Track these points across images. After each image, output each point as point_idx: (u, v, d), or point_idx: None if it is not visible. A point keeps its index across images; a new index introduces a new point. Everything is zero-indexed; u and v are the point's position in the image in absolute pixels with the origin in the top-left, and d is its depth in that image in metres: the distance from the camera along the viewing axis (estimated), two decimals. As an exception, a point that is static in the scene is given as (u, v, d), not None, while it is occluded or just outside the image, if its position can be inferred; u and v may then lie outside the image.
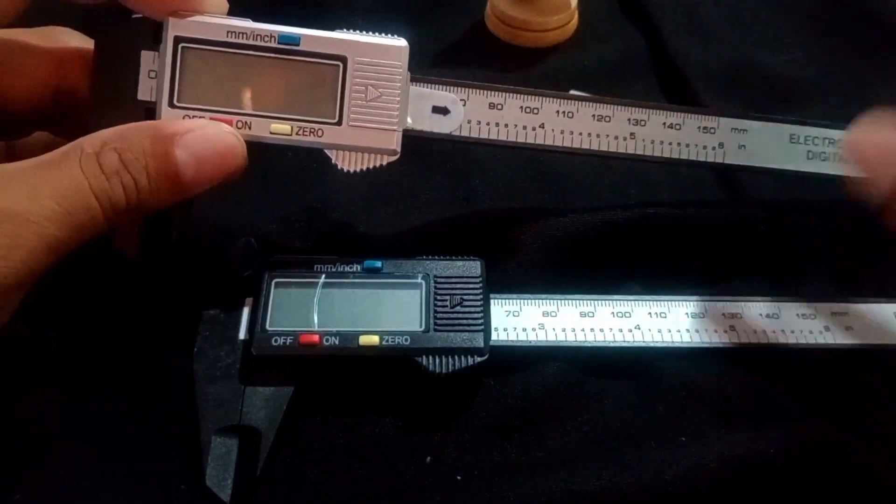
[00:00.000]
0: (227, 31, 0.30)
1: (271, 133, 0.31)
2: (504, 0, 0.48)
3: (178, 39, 0.30)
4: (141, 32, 0.30)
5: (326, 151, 0.31)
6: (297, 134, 0.31)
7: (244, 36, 0.30)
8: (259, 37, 0.30)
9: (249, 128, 0.31)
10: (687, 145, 0.34)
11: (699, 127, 0.34)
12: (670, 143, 0.34)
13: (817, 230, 0.37)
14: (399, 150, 0.32)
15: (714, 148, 0.34)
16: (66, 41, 0.32)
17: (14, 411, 0.30)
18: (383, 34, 0.31)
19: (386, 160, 0.32)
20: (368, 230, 0.36)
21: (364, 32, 0.31)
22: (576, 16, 0.49)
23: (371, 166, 0.32)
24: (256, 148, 0.31)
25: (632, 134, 0.34)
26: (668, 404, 0.31)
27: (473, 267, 0.33)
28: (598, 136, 0.34)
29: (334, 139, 0.31)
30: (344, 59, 0.31)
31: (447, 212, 0.37)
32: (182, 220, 0.32)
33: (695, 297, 0.34)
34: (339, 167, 0.32)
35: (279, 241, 0.36)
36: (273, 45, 0.30)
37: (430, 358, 0.30)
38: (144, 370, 0.32)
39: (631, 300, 0.33)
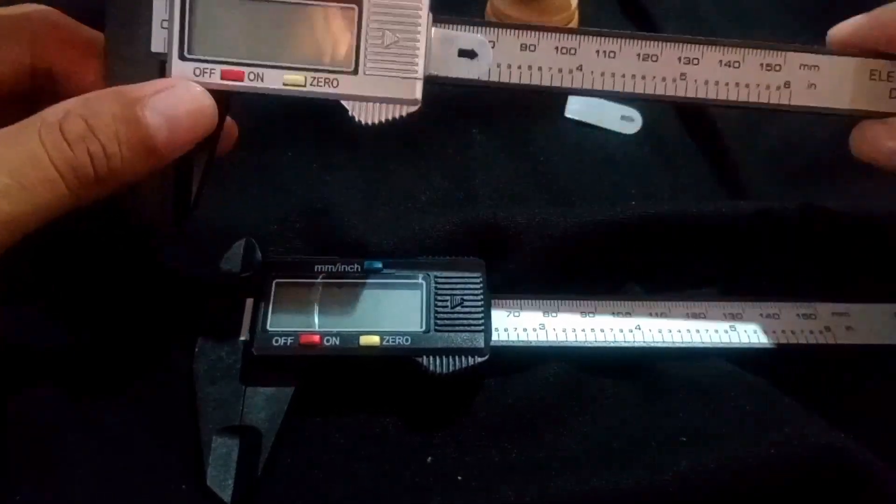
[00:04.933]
0: None
1: (284, 85, 0.29)
2: (504, 0, 0.48)
3: None
4: None
5: (343, 102, 0.29)
6: (311, 85, 0.29)
7: None
8: None
9: (262, 80, 0.29)
10: (747, 86, 0.31)
11: (762, 64, 0.30)
12: (727, 84, 0.30)
13: (817, 230, 0.37)
14: (420, 99, 0.29)
15: (779, 88, 0.31)
16: (41, 18, 0.31)
17: (14, 412, 0.30)
18: None
19: (406, 111, 0.29)
20: (368, 230, 0.36)
21: None
22: (576, 16, 0.49)
23: (391, 117, 0.29)
24: (257, 146, 0.30)
25: (682, 74, 0.30)
26: (668, 404, 0.31)
27: (474, 267, 0.33)
28: (643, 77, 0.30)
29: (351, 89, 0.29)
30: (359, 2, 0.28)
31: (447, 212, 0.37)
32: (203, 178, 0.31)
33: (695, 297, 0.34)
34: (356, 119, 0.29)
35: (279, 241, 0.36)
36: None
37: (431, 358, 0.30)
38: (145, 370, 0.32)
39: (631, 300, 0.33)
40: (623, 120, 0.44)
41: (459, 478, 0.30)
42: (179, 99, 0.27)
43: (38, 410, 0.30)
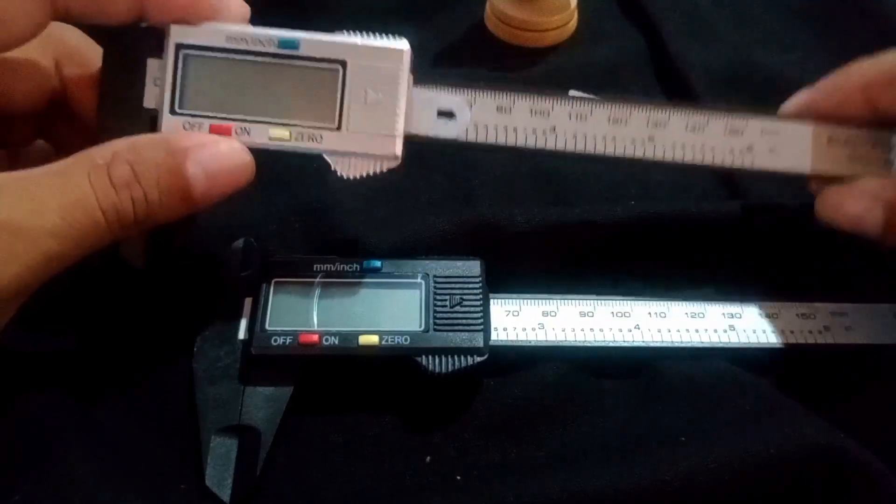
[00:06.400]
0: (227, 37, 0.30)
1: (270, 139, 0.30)
2: (504, 0, 0.48)
3: (178, 46, 0.30)
4: (148, 40, 0.30)
5: (326, 157, 0.31)
6: (295, 139, 0.30)
7: (243, 41, 0.30)
8: (258, 42, 0.30)
9: (248, 134, 0.30)
10: (712, 149, 0.32)
11: (726, 129, 0.32)
12: (693, 147, 0.32)
13: (817, 230, 0.37)
14: (400, 156, 0.31)
15: (742, 151, 0.32)
16: (65, 38, 0.31)
17: (13, 411, 0.30)
18: (385, 35, 0.31)
19: (387, 166, 0.31)
20: (368, 230, 0.36)
21: (366, 34, 0.30)
22: (576, 16, 0.49)
23: (371, 172, 0.31)
24: (257, 150, 0.31)
25: (650, 137, 0.32)
26: (668, 404, 0.31)
27: (473, 267, 0.33)
28: (613, 139, 0.32)
29: (333, 145, 0.30)
30: (344, 63, 0.30)
31: (447, 212, 0.37)
32: (186, 230, 0.32)
33: (695, 298, 0.34)
34: (338, 174, 0.31)
35: (279, 241, 0.36)
36: (272, 49, 0.30)
37: (430, 358, 0.30)
38: (144, 370, 0.32)
39: (631, 300, 0.33)
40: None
41: (459, 478, 0.29)
42: (221, 153, 0.29)
43: (36, 410, 0.30)
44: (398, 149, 0.31)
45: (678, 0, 0.51)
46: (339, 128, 0.30)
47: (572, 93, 0.41)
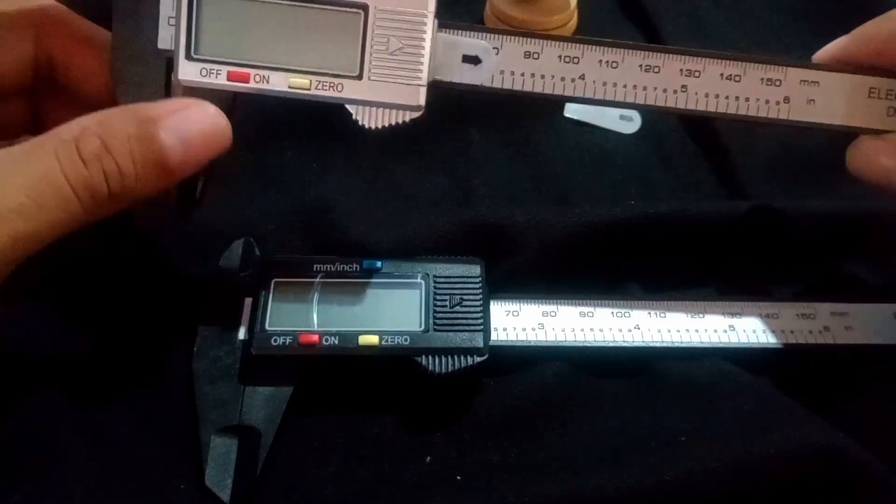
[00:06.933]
0: None
1: (289, 87, 0.29)
2: (504, 0, 0.48)
3: None
4: None
5: (347, 106, 0.29)
6: (315, 88, 0.29)
7: None
8: None
9: (267, 82, 0.29)
10: (747, 100, 0.31)
11: (763, 79, 0.31)
12: (727, 98, 0.31)
13: (817, 230, 0.37)
14: (424, 105, 0.29)
15: (778, 102, 0.31)
16: (45, 11, 0.31)
17: (13, 411, 0.30)
18: None
19: (410, 116, 0.30)
20: (368, 230, 0.36)
21: None
22: (576, 16, 0.49)
23: (394, 122, 0.30)
24: (257, 145, 0.30)
25: (683, 87, 0.30)
26: (668, 404, 0.31)
27: (473, 267, 0.33)
28: (644, 88, 0.30)
29: (355, 94, 0.29)
30: (365, 7, 0.28)
31: (447, 211, 0.37)
32: (208, 184, 0.31)
33: (695, 297, 0.34)
34: (359, 123, 0.30)
35: (279, 240, 0.36)
36: None
37: (430, 358, 0.30)
38: (144, 370, 0.32)
39: (631, 300, 0.33)
40: (622, 119, 0.44)
41: (459, 478, 0.29)
42: (195, 119, 0.28)
43: (36, 410, 0.30)
44: (422, 98, 0.29)
45: (678, 0, 0.51)
46: (360, 76, 0.29)
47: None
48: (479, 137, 0.43)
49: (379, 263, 0.33)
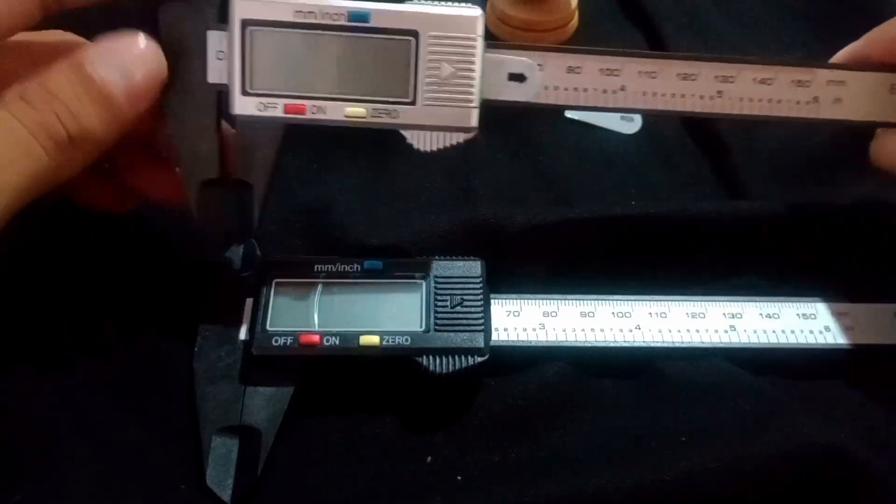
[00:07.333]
0: (295, 11, 0.28)
1: (346, 117, 0.29)
2: (504, 0, 0.48)
3: (245, 22, 0.28)
4: (206, 11, 0.29)
5: (402, 131, 0.30)
6: (371, 116, 0.29)
7: (312, 15, 0.28)
8: (328, 15, 0.28)
9: (324, 112, 0.29)
10: (779, 101, 0.32)
11: (793, 80, 0.32)
12: (760, 100, 0.32)
13: (817, 230, 0.37)
14: (477, 126, 0.30)
15: (808, 102, 0.32)
16: None
17: (13, 411, 0.30)
18: (454, 1, 0.29)
19: (464, 138, 0.30)
20: (368, 230, 0.36)
21: (436, 1, 0.29)
22: (576, 16, 0.49)
23: (448, 145, 0.30)
24: (258, 145, 0.30)
25: (719, 92, 0.32)
26: (668, 404, 0.31)
27: (473, 267, 0.33)
28: (682, 96, 0.32)
29: (410, 120, 0.30)
30: (416, 34, 0.29)
31: (447, 212, 0.37)
32: (226, 157, 0.31)
33: (695, 297, 0.34)
34: (414, 147, 0.30)
35: (279, 241, 0.36)
36: (342, 22, 0.28)
37: (431, 358, 0.30)
38: (144, 370, 0.32)
39: (631, 300, 0.33)
40: (623, 120, 0.44)
41: (459, 478, 0.30)
42: (126, 50, 0.28)
43: (37, 410, 0.30)
44: (475, 120, 0.30)
45: (678, 0, 0.51)
46: (414, 101, 0.29)
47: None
48: (480, 137, 0.42)
49: (379, 263, 0.33)
